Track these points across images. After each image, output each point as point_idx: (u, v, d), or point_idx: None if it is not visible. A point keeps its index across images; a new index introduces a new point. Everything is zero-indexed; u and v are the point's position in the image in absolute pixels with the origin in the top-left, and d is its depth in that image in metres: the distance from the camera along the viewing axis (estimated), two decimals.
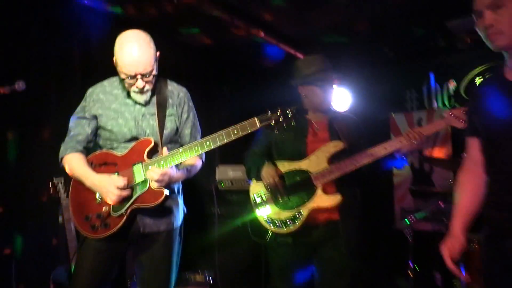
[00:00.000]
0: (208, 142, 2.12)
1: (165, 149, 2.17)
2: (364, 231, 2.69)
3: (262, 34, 4.43)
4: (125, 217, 2.12)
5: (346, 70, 5.30)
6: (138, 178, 2.14)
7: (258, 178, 2.61)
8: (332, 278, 2.52)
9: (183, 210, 2.44)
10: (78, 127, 2.30)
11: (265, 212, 2.57)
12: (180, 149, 2.15)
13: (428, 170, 4.92)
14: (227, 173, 4.58)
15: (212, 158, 5.15)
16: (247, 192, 4.29)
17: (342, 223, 2.51)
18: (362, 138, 2.65)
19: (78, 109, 2.34)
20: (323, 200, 2.47)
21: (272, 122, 2.09)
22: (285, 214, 2.51)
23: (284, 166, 2.59)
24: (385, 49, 5.07)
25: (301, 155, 2.57)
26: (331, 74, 2.64)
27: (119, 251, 2.26)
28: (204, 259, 4.27)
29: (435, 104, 4.96)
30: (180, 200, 2.42)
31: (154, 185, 2.10)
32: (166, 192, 2.11)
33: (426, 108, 5.04)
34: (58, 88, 3.33)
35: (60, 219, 3.16)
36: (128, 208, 2.12)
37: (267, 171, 2.53)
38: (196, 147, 2.13)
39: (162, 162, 2.13)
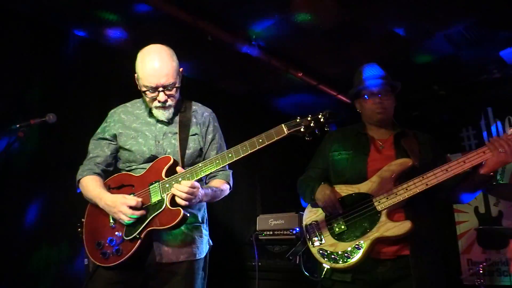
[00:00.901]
0: (230, 154, 1.89)
1: (179, 167, 1.96)
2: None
3: (300, 74, 4.31)
4: (139, 242, 1.89)
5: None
6: (155, 198, 1.93)
7: (313, 203, 2.23)
8: None
9: (208, 242, 2.16)
10: (97, 149, 2.17)
11: (319, 244, 2.16)
12: (200, 164, 1.93)
13: (496, 214, 4.32)
14: (268, 223, 4.27)
15: (253, 208, 4.89)
16: (289, 242, 4.01)
17: (414, 260, 2.02)
18: (438, 159, 2.16)
19: (99, 130, 2.23)
20: (388, 228, 2.02)
21: (302, 128, 1.81)
22: (343, 246, 2.08)
23: (342, 190, 2.18)
24: (434, 87, 4.77)
25: (361, 176, 2.17)
26: (382, 81, 2.24)
27: (133, 285, 1.98)
28: None
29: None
30: (205, 230, 2.15)
31: (182, 202, 1.85)
32: (184, 212, 1.86)
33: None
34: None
35: (86, 261, 2.97)
36: (142, 231, 1.89)
37: (322, 192, 2.14)
38: (217, 160, 1.91)
39: (180, 179, 1.91)
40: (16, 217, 3.03)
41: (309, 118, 1.82)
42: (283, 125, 1.83)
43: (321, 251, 2.14)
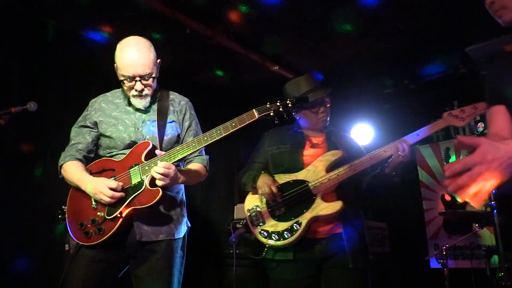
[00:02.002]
0: (205, 138, 2.02)
1: (158, 151, 2.08)
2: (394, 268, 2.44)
3: (276, 67, 4.45)
4: (120, 221, 1.99)
5: (366, 105, 5.22)
6: (135, 179, 2.04)
7: (254, 190, 2.44)
8: None
9: (187, 223, 2.28)
10: (79, 136, 2.27)
11: (261, 225, 2.36)
12: (178, 147, 2.05)
13: (461, 202, 4.56)
14: (245, 212, 4.39)
15: (231, 197, 5.03)
16: None
17: (346, 236, 2.30)
18: (359, 153, 2.48)
19: (80, 118, 2.32)
20: (323, 208, 2.27)
21: (272, 113, 1.98)
22: (283, 226, 2.30)
23: (281, 178, 2.42)
24: (404, 81, 4.99)
25: (298, 166, 2.43)
26: (321, 93, 2.48)
27: (114, 263, 2.09)
28: None
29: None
30: (183, 212, 2.27)
31: (159, 182, 1.96)
32: (163, 192, 1.98)
33: (452, 137, 4.81)
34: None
35: (67, 247, 3.04)
36: (122, 210, 1.99)
37: (263, 180, 2.36)
38: (193, 143, 2.03)
39: (159, 161, 2.02)
40: None
41: (278, 103, 1.99)
42: (254, 110, 1.99)
43: (262, 232, 2.33)
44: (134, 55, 2.11)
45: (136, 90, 2.15)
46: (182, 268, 2.20)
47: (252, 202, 2.45)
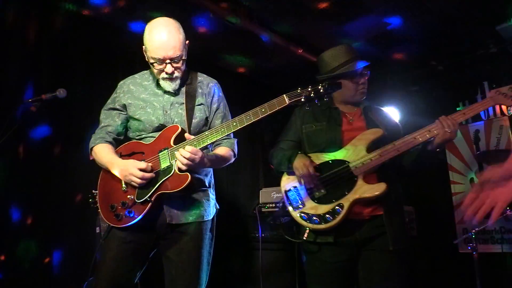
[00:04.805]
0: (235, 123, 2.01)
1: (187, 134, 2.08)
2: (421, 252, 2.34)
3: (300, 51, 4.40)
4: (150, 204, 2.02)
5: (392, 87, 5.12)
6: (164, 163, 2.06)
7: (290, 171, 2.35)
8: (380, 282, 2.18)
9: (215, 205, 2.29)
10: (108, 119, 2.29)
11: (300, 208, 2.28)
12: (206, 132, 2.05)
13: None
14: (270, 196, 4.41)
15: (256, 182, 5.05)
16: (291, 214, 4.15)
17: (387, 219, 2.21)
18: (398, 130, 2.39)
19: (109, 100, 2.33)
20: (366, 189, 2.18)
21: (303, 99, 1.93)
22: (324, 208, 2.21)
23: (319, 158, 2.31)
24: (432, 62, 4.85)
25: (337, 144, 2.31)
26: (360, 64, 2.36)
27: (145, 244, 2.13)
28: (249, 286, 4.04)
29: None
30: (212, 194, 2.28)
31: (182, 166, 1.97)
32: (192, 176, 1.99)
33: (482, 119, 4.68)
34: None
35: (98, 229, 3.11)
36: (152, 194, 2.02)
37: (300, 161, 2.25)
38: (222, 129, 2.03)
39: (187, 146, 2.03)
40: (32, 188, 3.18)
41: (309, 89, 1.94)
42: (284, 95, 1.95)
43: (302, 215, 2.25)
44: (165, 37, 2.08)
45: (166, 73, 2.14)
46: (211, 249, 2.22)
47: (289, 182, 2.35)
